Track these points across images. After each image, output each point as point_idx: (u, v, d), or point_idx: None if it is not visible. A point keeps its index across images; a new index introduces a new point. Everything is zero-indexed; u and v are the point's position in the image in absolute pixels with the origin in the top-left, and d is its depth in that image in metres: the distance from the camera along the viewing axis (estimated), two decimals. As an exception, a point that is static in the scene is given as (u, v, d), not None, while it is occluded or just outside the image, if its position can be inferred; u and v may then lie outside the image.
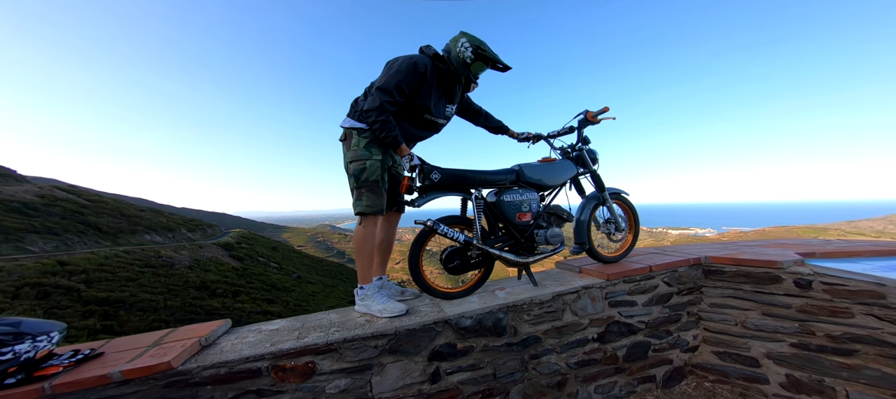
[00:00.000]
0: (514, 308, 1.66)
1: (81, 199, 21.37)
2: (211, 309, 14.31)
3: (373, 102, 1.51)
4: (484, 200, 1.73)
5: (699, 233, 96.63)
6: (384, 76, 1.54)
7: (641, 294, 1.99)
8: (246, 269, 20.99)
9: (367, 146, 1.57)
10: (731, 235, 61.54)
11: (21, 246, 14.35)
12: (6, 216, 15.39)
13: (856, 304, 1.66)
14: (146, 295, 13.65)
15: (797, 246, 2.35)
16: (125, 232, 20.63)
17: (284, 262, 26.92)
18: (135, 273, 15.04)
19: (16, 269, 11.75)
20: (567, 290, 1.79)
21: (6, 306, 9.77)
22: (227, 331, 1.38)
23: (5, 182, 19.23)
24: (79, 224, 18.46)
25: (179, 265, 17.32)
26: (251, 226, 74.71)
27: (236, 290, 17.04)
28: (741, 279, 2.01)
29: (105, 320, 11.31)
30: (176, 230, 24.78)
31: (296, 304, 18.05)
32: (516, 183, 1.84)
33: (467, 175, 1.68)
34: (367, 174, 1.55)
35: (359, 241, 1.59)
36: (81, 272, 13.44)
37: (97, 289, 12.84)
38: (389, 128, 1.51)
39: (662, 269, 2.03)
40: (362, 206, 1.56)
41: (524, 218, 1.79)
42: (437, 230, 1.59)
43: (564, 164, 2.01)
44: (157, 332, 1.25)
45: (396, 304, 1.54)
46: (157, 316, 12.59)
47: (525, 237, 1.82)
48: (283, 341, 1.25)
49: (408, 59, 1.55)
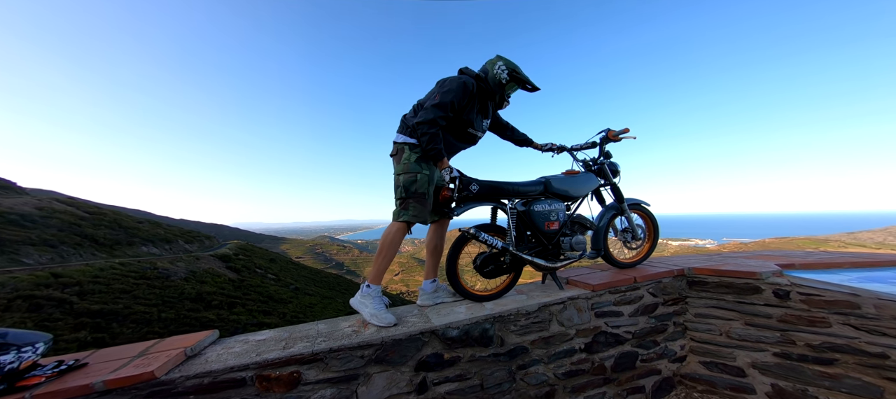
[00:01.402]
0: (501, 318, 1.66)
1: (80, 211, 21.15)
2: (206, 321, 13.97)
3: (427, 116, 1.63)
4: (516, 210, 1.83)
5: (699, 244, 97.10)
6: (438, 94, 1.67)
7: (627, 304, 2.00)
8: (243, 281, 20.63)
9: (418, 161, 1.69)
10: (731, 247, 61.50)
11: (16, 258, 14.08)
12: (3, 228, 15.17)
13: (832, 314, 1.68)
14: (140, 307, 13.33)
15: (778, 257, 2.39)
16: (122, 244, 20.33)
17: (282, 274, 26.51)
18: (130, 285, 14.73)
19: (9, 281, 11.49)
20: (553, 300, 1.80)
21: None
22: (215, 341, 1.37)
23: (5, 194, 19.07)
24: (76, 236, 18.20)
25: (175, 277, 17.01)
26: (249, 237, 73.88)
27: (232, 301, 16.70)
28: (723, 290, 2.03)
29: (96, 333, 11.00)
30: (173, 242, 24.46)
31: (292, 315, 17.67)
32: (544, 194, 1.95)
33: (502, 186, 1.80)
34: (416, 186, 1.66)
35: (387, 242, 1.66)
36: (75, 284, 13.16)
37: (90, 301, 12.54)
38: (436, 141, 1.62)
39: (647, 280, 2.05)
40: (408, 216, 1.65)
41: (552, 226, 1.89)
42: (478, 238, 1.71)
43: (588, 177, 2.11)
44: (143, 343, 1.24)
45: (389, 315, 1.57)
46: (150, 328, 12.26)
47: (552, 244, 1.91)
48: (269, 351, 1.24)
49: (459, 79, 1.72)
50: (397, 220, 1.67)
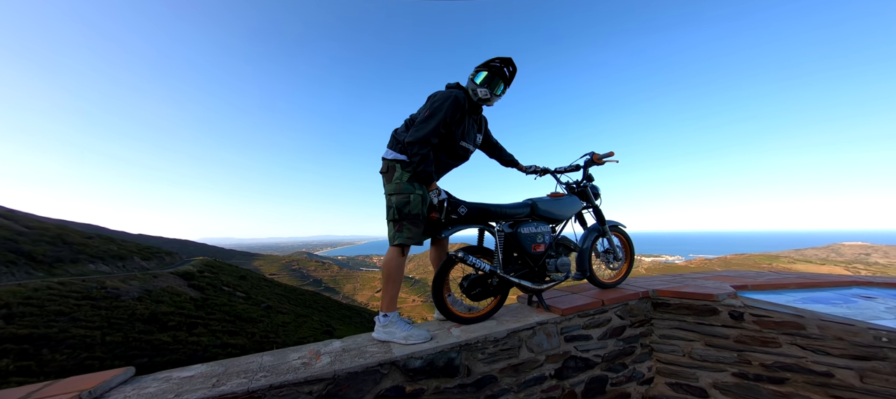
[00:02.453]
0: (468, 346, 1.55)
1: (18, 225, 18.73)
2: (159, 343, 12.43)
3: (418, 134, 1.58)
4: (504, 233, 1.80)
5: (669, 260, 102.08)
6: (429, 110, 1.62)
7: (596, 328, 1.96)
8: (207, 300, 18.81)
9: (411, 180, 1.62)
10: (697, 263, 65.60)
11: (-73, 276, 12.06)
12: (-85, 241, 13.04)
13: (781, 335, 1.72)
14: (80, 330, 11.67)
15: (733, 279, 2.49)
16: (65, 261, 18.07)
17: (253, 292, 24.54)
18: (69, 306, 12.95)
19: None
20: (522, 326, 1.72)
21: None
22: (128, 380, 1.15)
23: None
24: (10, 253, 15.98)
25: (126, 297, 15.21)
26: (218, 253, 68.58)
27: (193, 322, 15.09)
28: (684, 311, 2.06)
29: (22, 360, 9.41)
30: (128, 259, 22.08)
31: (262, 335, 16.22)
32: (531, 216, 1.93)
33: (489, 208, 1.78)
34: (410, 207, 1.59)
35: (390, 268, 1.59)
36: (3, 306, 11.38)
37: (18, 325, 10.84)
38: (427, 163, 1.58)
39: (614, 303, 2.03)
40: (403, 238, 1.58)
41: (539, 248, 1.86)
42: (466, 261, 1.67)
43: (572, 200, 2.13)
44: (31, 386, 1.00)
45: (422, 331, 1.52)
46: (90, 353, 10.69)
47: (538, 266, 1.88)
48: (194, 391, 1.04)
49: (450, 93, 1.67)
50: (393, 245, 1.60)
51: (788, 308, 1.79)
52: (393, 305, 1.61)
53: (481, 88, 1.74)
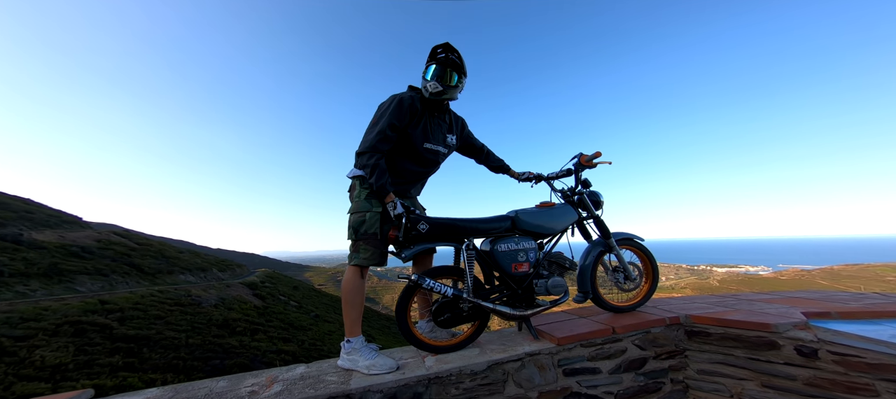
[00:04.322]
0: (439, 380, 1.33)
1: (132, 242, 22.87)
2: (228, 347, 13.95)
3: (364, 144, 1.49)
4: (476, 250, 1.60)
5: (751, 271, 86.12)
6: (375, 118, 1.54)
7: (606, 359, 1.59)
8: (267, 308, 20.82)
9: (368, 198, 1.52)
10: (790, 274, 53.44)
11: (71, 287, 15.16)
12: (64, 260, 16.56)
13: (880, 381, 1.19)
14: (171, 333, 13.62)
15: (812, 302, 1.84)
16: (163, 272, 21.49)
17: (304, 301, 26.59)
18: (164, 311, 15.23)
19: (60, 307, 12.26)
20: (507, 357, 1.45)
21: (43, 343, 9.98)
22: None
23: (70, 228, 21.09)
24: (125, 265, 19.50)
25: (206, 304, 17.47)
26: (276, 265, 76.00)
27: (255, 328, 16.72)
28: (731, 343, 1.58)
29: (128, 357, 11.22)
30: (208, 270, 25.54)
31: (310, 343, 17.34)
32: (512, 230, 1.68)
33: (457, 224, 1.56)
34: (365, 226, 1.49)
35: (349, 291, 1.49)
36: (118, 310, 13.79)
37: (128, 326, 13.01)
38: (379, 173, 1.46)
39: (631, 331, 1.64)
40: (359, 259, 1.48)
41: (521, 268, 1.62)
42: (422, 284, 1.47)
43: (565, 210, 1.82)
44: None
45: (386, 360, 1.39)
46: (176, 353, 12.37)
47: (523, 288, 1.63)
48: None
49: (394, 98, 1.56)
50: (350, 264, 1.52)
51: (891, 345, 1.25)
52: (356, 330, 1.47)
53: (431, 83, 1.57)
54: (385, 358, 1.41)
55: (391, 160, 1.59)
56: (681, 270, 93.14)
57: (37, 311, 11.38)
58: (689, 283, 72.73)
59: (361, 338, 1.46)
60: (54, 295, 13.63)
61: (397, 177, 1.62)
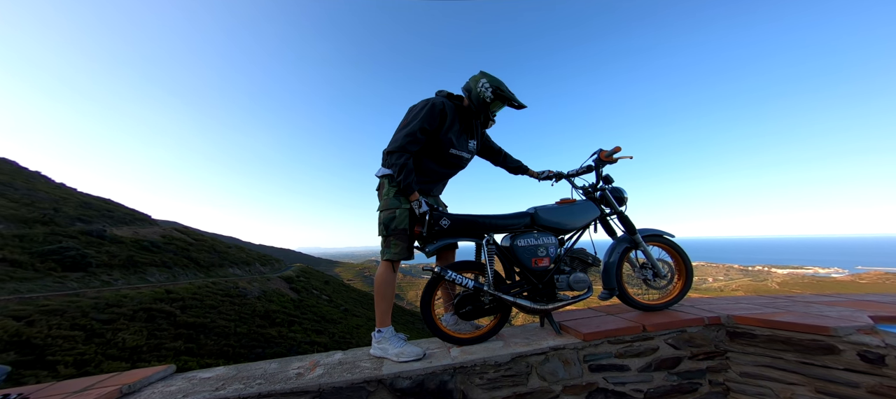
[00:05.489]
0: (463, 369, 1.38)
1: (189, 238, 25.59)
2: (269, 337, 15.16)
3: (394, 144, 1.55)
4: (496, 246, 1.63)
5: (820, 272, 73.06)
6: (406, 120, 1.60)
7: (636, 357, 1.54)
8: (302, 301, 22.28)
9: (397, 195, 1.58)
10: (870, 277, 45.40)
11: (143, 277, 17.30)
12: (138, 253, 18.93)
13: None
14: (223, 321, 15.09)
15: (881, 306, 1.63)
16: (215, 265, 23.79)
17: (335, 295, 28.07)
18: (217, 301, 16.90)
19: (136, 295, 14.09)
20: (531, 350, 1.46)
21: (123, 327, 11.56)
22: (165, 377, 1.37)
23: (142, 225, 24.02)
24: (185, 259, 21.88)
25: (250, 296, 19.11)
26: (309, 260, 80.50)
27: (292, 320, 17.99)
28: (780, 346, 1.45)
29: (188, 342, 12.63)
30: (252, 264, 27.89)
31: (341, 336, 18.29)
32: (531, 227, 1.71)
33: (477, 220, 1.62)
34: (396, 223, 1.55)
35: (381, 284, 1.57)
36: (180, 300, 15.54)
37: (188, 314, 14.61)
38: (406, 172, 1.52)
39: (662, 329, 1.57)
40: (391, 254, 1.56)
41: (541, 263, 1.63)
42: (445, 276, 1.53)
43: (586, 206, 1.81)
44: (95, 377, 1.29)
45: (414, 349, 1.46)
46: (227, 341, 13.69)
47: (544, 283, 1.64)
48: (197, 393, 1.17)
49: (428, 102, 1.62)
50: (383, 259, 1.59)
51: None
52: (386, 321, 1.56)
53: (490, 102, 1.64)
54: (413, 347, 1.49)
55: (417, 160, 1.65)
56: (732, 271, 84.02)
57: (118, 298, 13.14)
58: (741, 284, 65.44)
59: (391, 328, 1.55)
60: (131, 284, 15.67)
61: (422, 176, 1.68)
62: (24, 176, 23.39)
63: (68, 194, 23.60)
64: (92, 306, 11.74)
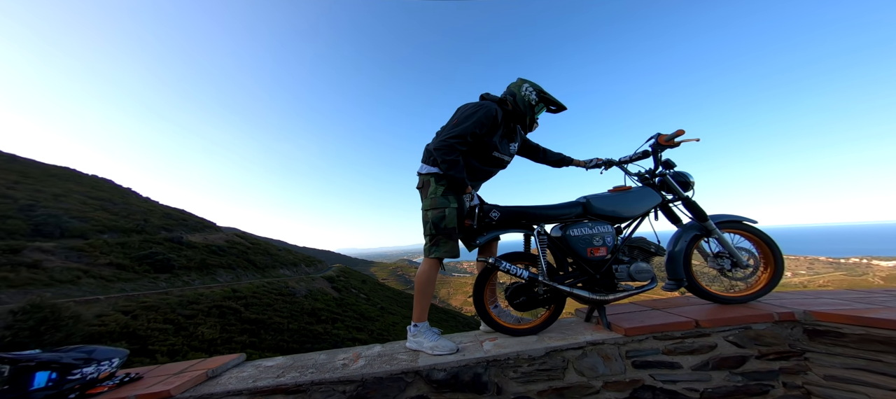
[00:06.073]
0: (497, 363, 1.40)
1: (247, 242, 28.81)
2: (316, 333, 16.50)
3: (444, 141, 1.58)
4: (548, 236, 1.63)
5: None
6: (458, 121, 1.62)
7: (687, 354, 1.43)
8: (343, 299, 23.88)
9: (445, 194, 1.60)
10: None
11: (214, 277, 19.92)
12: (209, 256, 21.81)
13: None
14: (278, 318, 16.80)
15: None
16: (269, 267, 26.54)
17: (371, 294, 29.60)
18: (272, 299, 18.84)
19: (209, 294, 16.30)
20: (567, 345, 1.42)
21: (201, 321, 13.47)
22: (238, 364, 1.59)
23: (209, 231, 27.58)
24: (245, 261, 24.73)
25: (298, 294, 20.99)
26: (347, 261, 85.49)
27: (335, 317, 19.38)
28: (877, 347, 1.24)
29: (252, 337, 14.31)
30: (298, 265, 30.59)
31: (379, 332, 19.27)
32: (583, 216, 1.67)
33: (527, 211, 1.62)
34: (446, 222, 1.57)
35: (423, 281, 1.62)
36: (243, 298, 17.61)
37: (250, 311, 16.50)
38: (458, 169, 1.56)
39: (721, 326, 1.43)
40: (440, 252, 1.57)
41: (598, 252, 1.59)
42: (498, 267, 1.56)
43: (643, 193, 1.71)
44: (186, 363, 1.54)
45: (448, 342, 1.51)
46: (281, 336, 15.20)
47: (601, 273, 1.60)
48: (264, 379, 1.34)
49: (481, 105, 1.65)
50: (429, 257, 1.62)
51: None
52: (423, 316, 1.62)
53: (534, 105, 1.67)
54: (446, 341, 1.53)
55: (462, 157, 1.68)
56: (817, 264, 69.88)
57: (196, 296, 15.27)
58: (832, 279, 54.60)
59: (426, 323, 1.61)
60: (205, 284, 18.14)
61: (465, 173, 1.70)
62: (121, 192, 28.21)
63: (153, 206, 27.91)
64: (178, 303, 13.84)
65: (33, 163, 26.16)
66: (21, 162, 25.01)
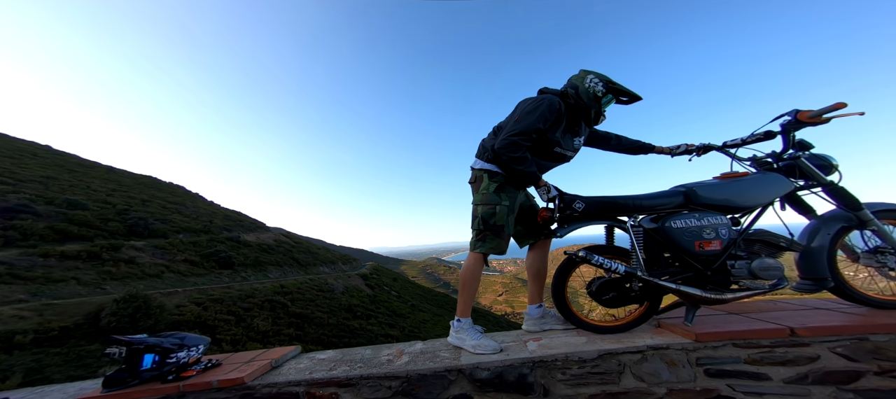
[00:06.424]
0: (543, 364, 1.35)
1: (292, 241, 31.42)
2: (353, 329, 17.42)
3: (508, 141, 1.54)
4: (642, 228, 1.51)
5: None
6: (520, 117, 1.57)
7: (778, 365, 1.25)
8: (376, 297, 24.97)
9: (497, 191, 1.60)
10: None
11: (265, 274, 22.03)
12: (261, 254, 24.16)
13: None
14: (319, 313, 18.06)
15: None
16: (310, 264, 28.67)
17: (403, 292, 30.55)
18: (314, 295, 20.31)
19: (262, 289, 18.08)
20: (623, 348, 1.33)
21: (257, 314, 14.99)
22: (295, 356, 1.72)
23: (261, 231, 30.51)
24: (290, 259, 26.99)
25: (336, 291, 22.38)
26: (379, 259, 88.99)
27: (369, 314, 20.33)
28: None
29: (298, 330, 15.59)
30: (335, 263, 32.59)
31: (410, 329, 19.82)
32: (684, 206, 1.53)
33: (617, 202, 1.52)
34: (495, 219, 1.58)
35: (467, 276, 1.61)
36: (289, 293, 19.22)
37: (296, 306, 17.95)
38: (527, 164, 1.53)
39: (825, 335, 1.23)
40: (486, 248, 1.58)
41: (709, 246, 1.42)
42: (590, 261, 1.47)
43: (767, 179, 1.50)
44: (252, 352, 1.70)
45: (491, 342, 1.50)
46: (323, 330, 16.32)
47: (713, 269, 1.44)
48: (318, 371, 1.44)
49: (544, 98, 1.59)
50: (474, 252, 1.62)
51: None
52: (467, 311, 1.60)
53: (601, 97, 1.56)
54: (489, 340, 1.51)
55: None
56: None
57: (252, 290, 16.99)
58: None
59: (469, 320, 1.60)
60: (258, 279, 20.15)
61: None
62: (191, 197, 32.32)
63: (216, 209, 31.59)
64: (238, 296, 15.54)
65: (126, 173, 31.13)
66: (117, 172, 29.91)
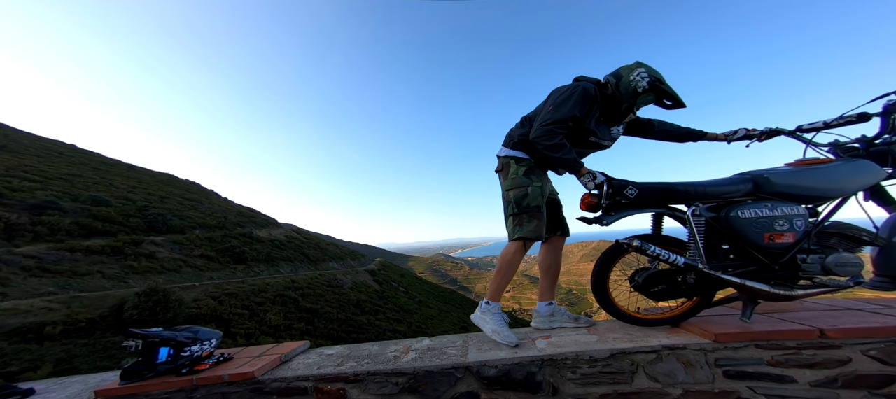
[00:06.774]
0: (552, 362, 1.33)
1: (302, 237, 32.07)
2: (361, 324, 17.73)
3: (544, 129, 1.50)
4: (703, 217, 1.40)
5: None
6: (554, 106, 1.53)
7: (804, 368, 1.20)
8: (384, 292, 25.31)
9: (527, 174, 1.60)
10: None
11: (277, 269, 22.58)
12: (273, 250, 24.76)
13: None
14: (329, 308, 18.45)
15: None
16: (320, 260, 29.21)
17: (410, 288, 30.85)
18: (323, 291, 20.73)
19: (274, 284, 18.56)
20: (636, 348, 1.29)
21: (269, 309, 15.41)
22: (304, 351, 1.75)
23: (272, 227, 31.24)
24: (301, 255, 27.58)
25: (345, 286, 22.78)
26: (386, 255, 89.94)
27: (377, 309, 20.64)
28: None
29: (308, 325, 15.97)
30: (344, 259, 33.11)
31: (417, 325, 20.05)
32: (752, 194, 1.41)
33: (675, 188, 1.41)
34: (528, 200, 1.56)
35: (506, 262, 1.60)
36: (300, 288, 19.68)
37: (306, 301, 18.38)
38: (566, 150, 1.48)
39: (858, 337, 1.17)
40: (524, 232, 1.54)
41: (781, 238, 1.31)
42: (645, 251, 1.36)
43: (855, 166, 1.34)
44: (263, 346, 1.74)
45: (511, 334, 1.49)
46: (332, 326, 16.67)
47: (781, 263, 1.33)
48: (327, 366, 1.45)
49: (577, 87, 1.54)
50: (513, 238, 1.57)
51: None
52: (497, 296, 1.62)
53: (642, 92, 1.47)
54: (511, 333, 1.50)
55: None
56: None
57: (264, 285, 17.45)
58: None
59: (499, 305, 1.61)
60: (270, 275, 20.68)
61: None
62: (206, 193, 33.32)
63: (230, 205, 32.49)
64: (251, 291, 16.00)
65: (145, 170, 32.31)
66: (137, 170, 31.07)
